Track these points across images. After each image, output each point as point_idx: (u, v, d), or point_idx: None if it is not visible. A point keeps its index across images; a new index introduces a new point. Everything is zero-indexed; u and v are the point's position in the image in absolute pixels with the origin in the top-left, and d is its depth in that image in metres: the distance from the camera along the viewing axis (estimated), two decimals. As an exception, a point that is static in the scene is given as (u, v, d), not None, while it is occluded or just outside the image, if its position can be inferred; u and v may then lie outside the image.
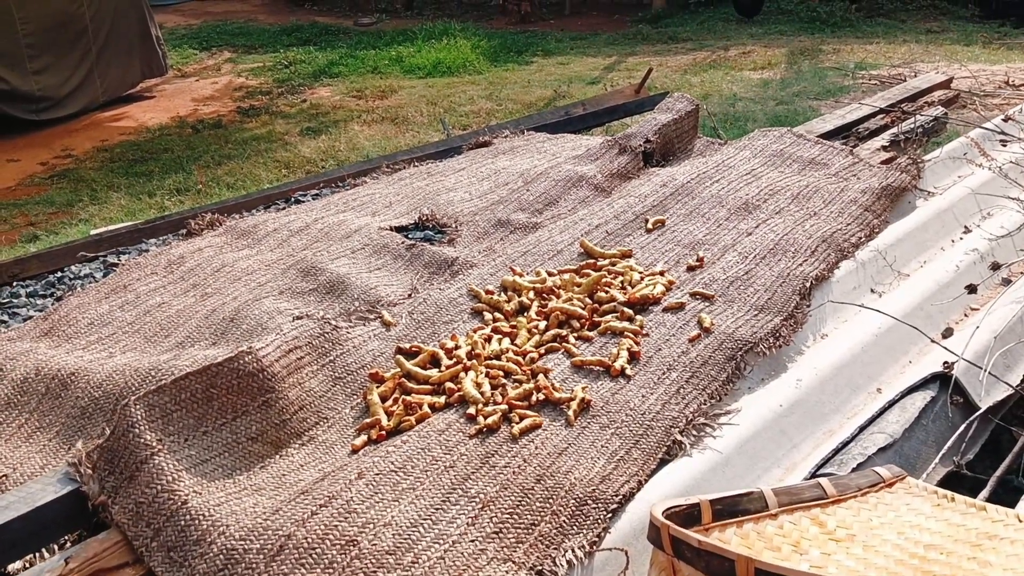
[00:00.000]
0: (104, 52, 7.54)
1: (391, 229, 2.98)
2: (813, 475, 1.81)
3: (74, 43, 7.31)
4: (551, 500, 1.67)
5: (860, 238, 2.70)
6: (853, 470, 1.80)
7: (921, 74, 5.40)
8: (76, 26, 7.32)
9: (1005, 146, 3.54)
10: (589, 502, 1.67)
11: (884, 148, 3.52)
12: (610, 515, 1.66)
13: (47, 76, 7.10)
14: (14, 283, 3.02)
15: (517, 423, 1.86)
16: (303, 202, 3.57)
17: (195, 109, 7.62)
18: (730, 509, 1.57)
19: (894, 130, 3.74)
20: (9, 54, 6.79)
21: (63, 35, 7.20)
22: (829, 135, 3.76)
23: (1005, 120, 3.70)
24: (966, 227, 2.97)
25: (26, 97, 6.92)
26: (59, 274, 3.09)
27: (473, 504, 1.66)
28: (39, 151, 6.54)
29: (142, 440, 1.73)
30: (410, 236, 2.96)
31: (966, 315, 2.52)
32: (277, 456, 1.86)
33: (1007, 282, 2.64)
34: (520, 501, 1.67)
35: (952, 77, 4.94)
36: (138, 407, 1.77)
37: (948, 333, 2.39)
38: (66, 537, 1.74)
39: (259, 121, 6.99)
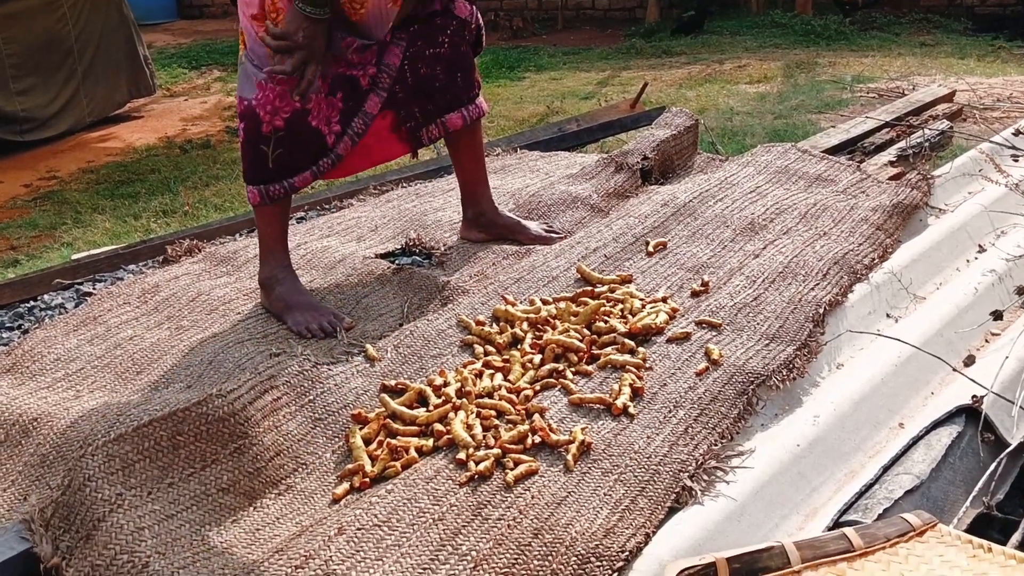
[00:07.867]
0: (90, 72, 7.39)
1: (377, 256, 2.83)
2: (836, 523, 1.67)
3: (60, 63, 7.16)
4: (550, 557, 1.52)
5: (873, 259, 2.56)
6: (879, 516, 1.66)
7: (919, 87, 5.28)
8: (62, 46, 7.18)
9: (1016, 161, 3.41)
10: (592, 559, 1.52)
11: (891, 163, 3.38)
12: (615, 573, 1.51)
13: (32, 97, 6.96)
14: (-18, 314, 2.86)
15: (511, 469, 1.70)
16: (287, 225, 3.42)
17: (183, 129, 7.46)
18: (749, 567, 1.43)
19: (901, 144, 3.61)
20: (-8, 75, 6.66)
21: (48, 55, 7.06)
22: (834, 150, 3.63)
23: (1016, 134, 3.57)
24: (980, 246, 2.83)
25: (10, 118, 6.77)
26: (30, 304, 2.93)
27: (464, 563, 1.50)
28: (23, 173, 6.38)
29: (100, 495, 1.57)
30: (397, 261, 2.82)
31: (987, 341, 2.38)
32: (251, 508, 1.71)
33: (1030, 305, 2.51)
34: (516, 559, 1.51)
35: (954, 90, 4.82)
36: (96, 458, 1.62)
37: (970, 361, 2.25)
38: (16, 604, 1.59)
39: (248, 140, 6.85)
